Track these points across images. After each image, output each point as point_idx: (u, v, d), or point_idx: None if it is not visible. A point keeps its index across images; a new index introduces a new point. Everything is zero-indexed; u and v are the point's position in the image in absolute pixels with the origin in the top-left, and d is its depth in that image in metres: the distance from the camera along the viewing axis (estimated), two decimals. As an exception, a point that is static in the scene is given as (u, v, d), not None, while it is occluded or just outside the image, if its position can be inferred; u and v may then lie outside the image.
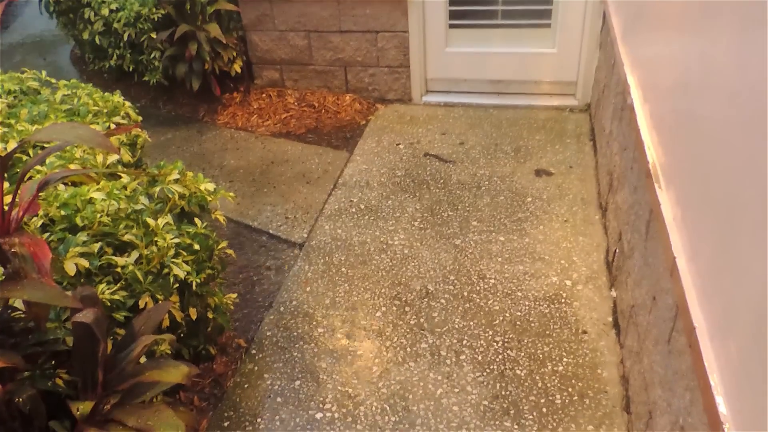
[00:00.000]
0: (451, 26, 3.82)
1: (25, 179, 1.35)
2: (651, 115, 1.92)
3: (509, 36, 3.79)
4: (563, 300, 2.33)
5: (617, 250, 2.33)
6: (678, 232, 1.48)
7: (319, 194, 3.13)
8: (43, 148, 2.02)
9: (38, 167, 1.86)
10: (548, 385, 2.00)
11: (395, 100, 4.09)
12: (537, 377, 2.03)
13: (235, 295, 2.22)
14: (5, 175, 1.40)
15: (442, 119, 3.80)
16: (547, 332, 2.20)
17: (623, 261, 2.19)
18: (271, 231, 2.88)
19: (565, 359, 2.08)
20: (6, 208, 1.33)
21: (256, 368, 2.14)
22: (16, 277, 1.22)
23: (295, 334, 2.27)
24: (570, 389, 1.98)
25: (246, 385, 2.07)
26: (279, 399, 2.02)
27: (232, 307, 2.20)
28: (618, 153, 2.51)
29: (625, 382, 1.97)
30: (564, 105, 3.83)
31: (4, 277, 1.41)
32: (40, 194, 1.44)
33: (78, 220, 1.67)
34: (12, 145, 1.94)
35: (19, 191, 1.36)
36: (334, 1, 3.81)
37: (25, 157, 1.97)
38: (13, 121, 2.12)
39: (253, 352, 2.20)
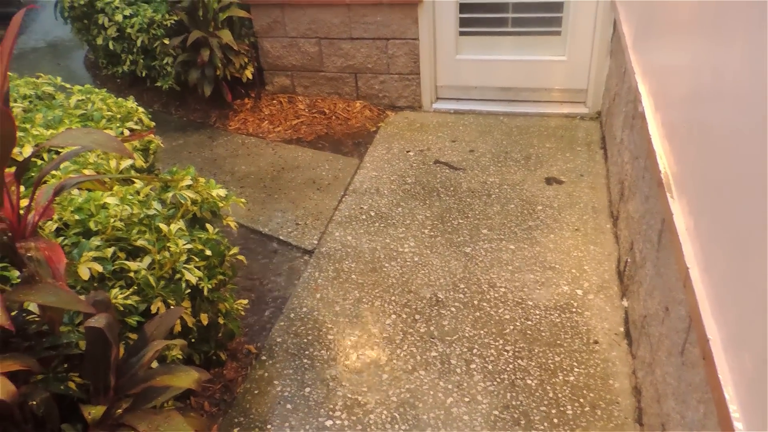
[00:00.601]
0: (462, 33, 3.83)
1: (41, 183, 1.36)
2: (663, 124, 1.92)
3: (519, 43, 3.80)
4: (574, 309, 2.32)
5: (629, 260, 2.32)
6: (691, 242, 1.47)
7: (330, 201, 3.14)
8: (57, 152, 2.04)
9: (53, 171, 1.88)
10: (559, 395, 1.99)
11: (405, 107, 4.10)
12: (548, 387, 2.02)
13: (245, 301, 2.23)
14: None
15: (452, 126, 3.81)
16: (558, 342, 2.18)
17: (635, 271, 2.18)
18: (281, 237, 2.88)
19: (576, 369, 2.07)
20: (22, 212, 1.35)
21: (266, 374, 2.14)
22: (31, 280, 1.23)
23: (305, 340, 2.27)
24: (581, 400, 1.97)
25: (256, 392, 2.08)
26: (289, 406, 2.02)
27: (242, 312, 2.21)
28: (629, 161, 2.50)
29: (638, 394, 1.95)
30: (574, 113, 3.82)
31: (19, 280, 1.42)
32: (55, 198, 1.46)
33: (92, 225, 1.68)
34: (27, 149, 1.96)
35: (35, 196, 1.37)
36: (345, 9, 3.83)
37: (39, 161, 1.99)
38: (28, 126, 2.14)
39: (264, 358, 2.21)
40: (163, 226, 1.78)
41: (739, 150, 1.19)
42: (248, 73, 4.06)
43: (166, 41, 3.97)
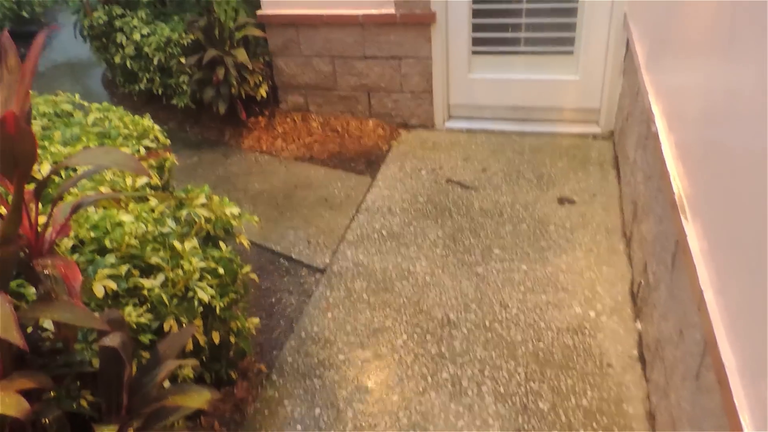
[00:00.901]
0: (474, 53, 3.85)
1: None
2: (676, 145, 1.91)
3: (532, 63, 3.81)
4: (587, 331, 2.30)
5: (642, 282, 2.30)
6: (705, 264, 1.46)
7: (342, 219, 3.15)
8: (74, 168, 2.07)
9: (70, 189, 1.90)
10: (572, 419, 1.96)
11: (418, 125, 4.12)
12: (560, 411, 1.99)
13: (257, 320, 2.23)
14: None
15: (464, 145, 3.82)
16: (571, 364, 2.16)
17: (648, 293, 2.16)
18: (293, 256, 2.89)
19: (589, 393, 2.05)
20: (40, 229, 1.37)
21: (276, 394, 2.13)
22: (47, 297, 1.24)
23: (315, 360, 2.26)
24: (594, 425, 1.94)
25: (266, 412, 2.07)
26: (299, 427, 2.01)
27: (254, 332, 2.21)
28: (642, 182, 2.49)
29: (652, 419, 1.92)
30: (587, 132, 3.82)
31: (35, 297, 1.44)
32: (71, 216, 1.47)
33: (107, 242, 1.70)
34: (45, 166, 1.99)
35: (53, 213, 1.39)
36: (358, 28, 3.88)
37: (57, 178, 2.02)
38: (47, 143, 2.18)
39: (274, 378, 2.20)
40: (177, 244, 1.79)
41: (753, 171, 1.19)
42: (262, 91, 4.11)
43: (183, 60, 4.03)
